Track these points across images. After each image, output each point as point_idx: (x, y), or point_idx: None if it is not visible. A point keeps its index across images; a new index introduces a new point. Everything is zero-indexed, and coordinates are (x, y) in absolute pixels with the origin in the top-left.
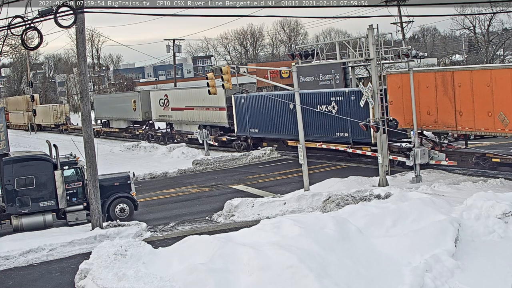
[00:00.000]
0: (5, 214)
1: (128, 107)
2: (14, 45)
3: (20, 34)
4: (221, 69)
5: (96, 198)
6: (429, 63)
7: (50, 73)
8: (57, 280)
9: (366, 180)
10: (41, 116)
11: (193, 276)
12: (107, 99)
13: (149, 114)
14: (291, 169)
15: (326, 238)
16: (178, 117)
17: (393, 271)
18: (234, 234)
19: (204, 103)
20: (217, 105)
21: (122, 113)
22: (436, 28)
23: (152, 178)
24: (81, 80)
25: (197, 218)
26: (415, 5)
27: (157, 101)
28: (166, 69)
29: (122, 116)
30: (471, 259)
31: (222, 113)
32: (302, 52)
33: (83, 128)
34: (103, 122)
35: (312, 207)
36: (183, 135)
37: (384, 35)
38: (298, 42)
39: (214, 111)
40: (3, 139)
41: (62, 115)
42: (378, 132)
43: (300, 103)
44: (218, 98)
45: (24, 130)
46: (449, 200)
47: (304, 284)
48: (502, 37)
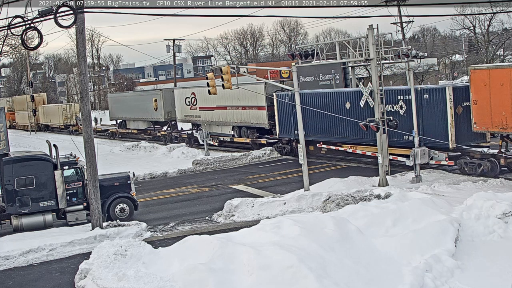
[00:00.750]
0: (5, 214)
1: (148, 106)
2: (14, 45)
3: (20, 34)
4: (221, 69)
5: (96, 198)
6: (429, 63)
7: (50, 73)
8: (57, 280)
9: (366, 180)
10: (49, 116)
11: (193, 276)
12: (124, 98)
13: (171, 114)
14: (291, 169)
15: (326, 238)
16: (208, 117)
17: (393, 271)
18: (234, 234)
19: (240, 102)
20: (256, 104)
21: (141, 113)
22: (436, 28)
23: (152, 178)
24: (81, 80)
25: (197, 218)
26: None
27: (183, 99)
28: (166, 69)
29: (141, 116)
30: (471, 259)
31: (261, 113)
32: (302, 52)
33: (83, 128)
34: (119, 122)
35: (312, 207)
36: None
37: (384, 35)
38: (298, 42)
39: (252, 110)
40: (3, 139)
41: (72, 115)
42: (378, 132)
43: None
44: (257, 97)
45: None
46: (449, 200)
47: (304, 284)
48: (502, 37)
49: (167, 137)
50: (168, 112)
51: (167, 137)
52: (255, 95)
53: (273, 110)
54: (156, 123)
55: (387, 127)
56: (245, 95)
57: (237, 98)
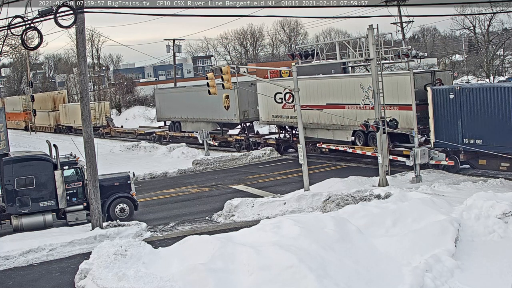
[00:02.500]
0: (5, 214)
1: (215, 104)
2: (14, 45)
3: (20, 34)
4: (221, 69)
5: (96, 198)
6: (429, 63)
7: (50, 73)
8: (57, 280)
9: (366, 180)
10: (72, 116)
11: (193, 276)
12: (179, 94)
13: (248, 114)
14: (291, 169)
15: (326, 238)
16: (313, 118)
17: (393, 271)
18: (234, 234)
19: (368, 100)
20: (396, 102)
21: (204, 113)
22: (436, 28)
23: (152, 178)
24: (81, 80)
25: (197, 218)
26: (415, 5)
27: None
28: (166, 69)
29: (203, 117)
30: (471, 259)
31: (408, 114)
32: (302, 52)
33: (83, 128)
34: (170, 123)
35: (312, 207)
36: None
37: (384, 35)
38: (298, 42)
39: (390, 110)
40: (3, 139)
41: (101, 115)
42: (378, 132)
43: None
44: (399, 92)
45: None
46: (449, 200)
47: (304, 284)
48: (502, 37)
49: (243, 143)
50: (244, 111)
51: (243, 142)
52: (396, 90)
53: (424, 110)
54: (225, 124)
55: (387, 127)
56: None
57: (363, 93)
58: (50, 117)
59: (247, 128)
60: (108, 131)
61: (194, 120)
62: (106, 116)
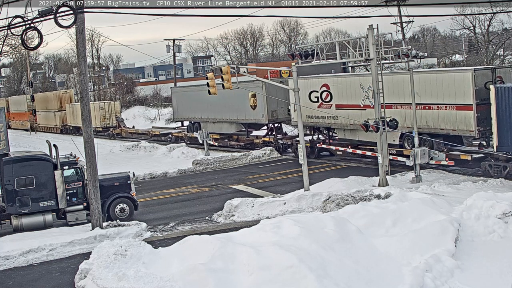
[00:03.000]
0: (5, 214)
1: (239, 103)
2: (14, 45)
3: (20, 34)
4: (221, 69)
5: (96, 198)
6: (429, 63)
7: (50, 73)
8: (57, 280)
9: (366, 180)
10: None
11: (193, 276)
12: (199, 92)
13: (277, 114)
14: (291, 169)
15: (326, 238)
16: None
17: (393, 271)
18: (234, 234)
19: (419, 99)
20: (453, 102)
21: (228, 112)
22: (436, 28)
23: (152, 178)
24: (81, 80)
25: (197, 218)
26: (415, 5)
27: (305, 94)
28: (166, 69)
29: (227, 117)
30: (471, 259)
31: (464, 115)
32: (302, 52)
33: (83, 128)
34: (189, 124)
35: (312, 207)
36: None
37: (384, 35)
38: (298, 42)
39: (444, 111)
40: (3, 139)
41: (111, 115)
42: (378, 132)
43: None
44: (456, 90)
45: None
46: (449, 200)
47: (304, 284)
48: (502, 37)
49: (272, 145)
50: (273, 111)
51: (272, 144)
52: (452, 89)
53: (483, 111)
54: (251, 125)
55: (387, 127)
56: (431, 88)
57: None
58: (56, 117)
59: (275, 129)
60: (119, 132)
61: (216, 120)
62: (116, 116)
